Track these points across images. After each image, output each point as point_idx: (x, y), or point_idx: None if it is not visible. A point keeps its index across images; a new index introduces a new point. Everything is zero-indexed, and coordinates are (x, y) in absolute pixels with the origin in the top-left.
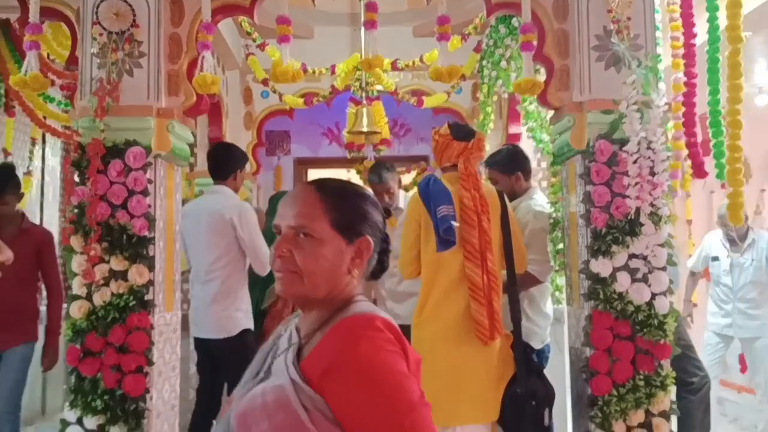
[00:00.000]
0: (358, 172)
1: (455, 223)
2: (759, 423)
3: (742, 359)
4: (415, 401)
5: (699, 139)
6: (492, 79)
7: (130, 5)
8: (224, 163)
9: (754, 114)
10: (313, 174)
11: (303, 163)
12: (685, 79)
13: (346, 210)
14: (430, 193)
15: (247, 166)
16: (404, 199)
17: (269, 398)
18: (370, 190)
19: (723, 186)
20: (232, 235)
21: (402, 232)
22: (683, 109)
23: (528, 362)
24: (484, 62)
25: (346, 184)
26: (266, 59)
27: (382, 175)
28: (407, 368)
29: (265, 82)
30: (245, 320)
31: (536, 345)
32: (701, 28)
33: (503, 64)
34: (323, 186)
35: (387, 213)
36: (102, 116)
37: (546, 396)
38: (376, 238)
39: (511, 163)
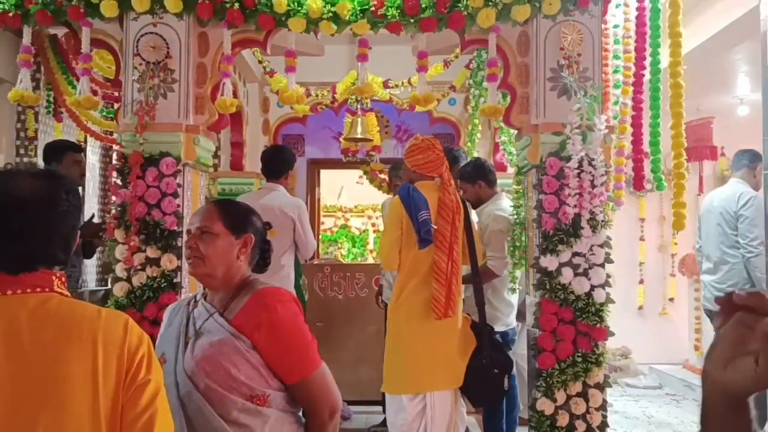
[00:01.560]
0: (365, 172)
1: (434, 226)
2: None
3: None
4: (309, 340)
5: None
6: (476, 96)
7: (164, 39)
8: (278, 164)
9: (737, 123)
10: (325, 173)
11: (315, 164)
12: (632, 103)
13: (234, 216)
14: (411, 200)
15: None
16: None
17: (219, 347)
18: (254, 207)
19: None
20: (292, 228)
21: (385, 231)
22: (630, 129)
23: (491, 339)
24: (471, 81)
25: (238, 202)
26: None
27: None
28: (302, 319)
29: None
30: None
31: (499, 328)
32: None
33: (485, 84)
34: (220, 202)
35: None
36: (141, 132)
37: (504, 365)
38: (257, 237)
39: (474, 174)
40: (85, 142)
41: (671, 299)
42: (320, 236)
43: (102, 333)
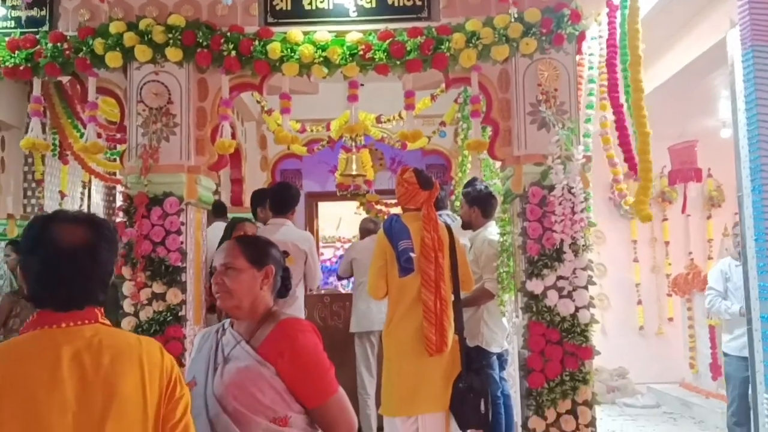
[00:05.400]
0: (362, 204)
1: (413, 254)
2: (720, 423)
3: (713, 367)
4: (328, 366)
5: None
6: (464, 130)
7: (166, 86)
8: (287, 200)
9: (721, 145)
10: (323, 206)
11: (313, 197)
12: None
13: (254, 250)
14: (393, 231)
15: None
16: None
17: (245, 373)
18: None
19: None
20: (303, 261)
21: (371, 261)
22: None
23: (469, 363)
24: (459, 115)
25: (257, 237)
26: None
27: (377, 224)
28: (321, 347)
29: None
30: None
31: (495, 350)
32: None
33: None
34: (240, 239)
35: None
36: (146, 174)
37: (481, 389)
38: (277, 267)
39: (473, 199)
40: (89, 182)
41: (670, 319)
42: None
43: (145, 356)
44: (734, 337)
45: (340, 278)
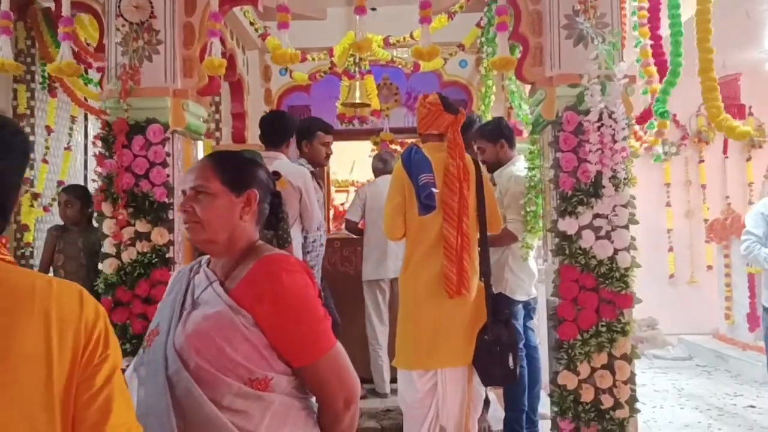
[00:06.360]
0: (375, 143)
1: (435, 190)
2: (759, 377)
3: (750, 318)
4: (322, 316)
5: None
6: (490, 54)
7: None
8: (279, 131)
9: (764, 80)
10: (334, 146)
11: None
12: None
13: (233, 171)
14: (412, 163)
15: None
16: None
17: (213, 321)
18: (256, 156)
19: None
20: (298, 199)
21: (387, 197)
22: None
23: (496, 313)
24: (482, 39)
25: (235, 153)
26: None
27: (387, 162)
28: (314, 293)
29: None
30: None
31: (521, 297)
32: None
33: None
34: (214, 156)
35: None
36: (125, 97)
37: (509, 342)
38: (262, 191)
39: (496, 133)
40: (86, 118)
41: (709, 267)
42: (330, 212)
43: (55, 306)
44: None
45: (348, 225)
